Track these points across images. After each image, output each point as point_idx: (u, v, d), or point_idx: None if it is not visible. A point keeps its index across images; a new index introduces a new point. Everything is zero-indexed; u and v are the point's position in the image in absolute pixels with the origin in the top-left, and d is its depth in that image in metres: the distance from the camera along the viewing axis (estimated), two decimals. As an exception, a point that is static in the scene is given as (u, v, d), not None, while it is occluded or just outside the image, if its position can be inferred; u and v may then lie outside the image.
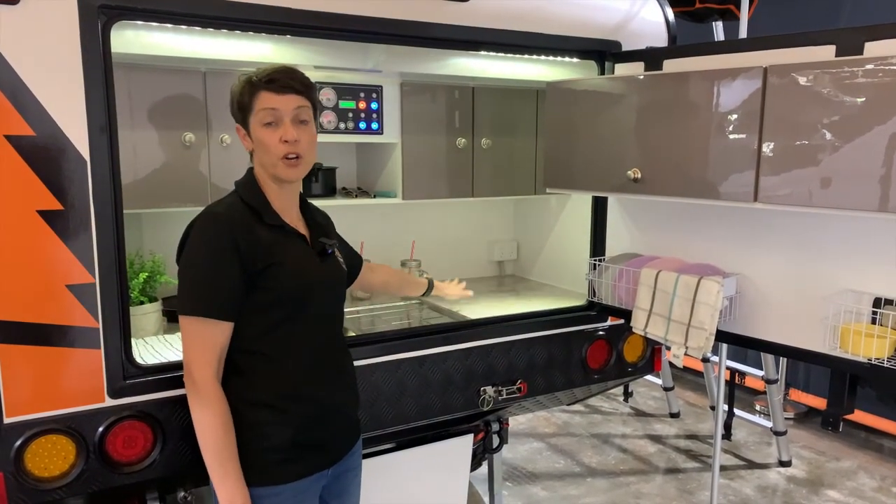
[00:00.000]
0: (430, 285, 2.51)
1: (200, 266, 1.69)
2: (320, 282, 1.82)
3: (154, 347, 2.20)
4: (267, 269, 1.71)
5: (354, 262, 2.21)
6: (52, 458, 1.84)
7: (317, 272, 1.82)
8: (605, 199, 2.73)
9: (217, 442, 1.66)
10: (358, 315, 2.84)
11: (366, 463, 2.07)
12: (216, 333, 1.68)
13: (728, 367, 4.53)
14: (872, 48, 1.85)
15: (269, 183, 1.80)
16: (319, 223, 1.94)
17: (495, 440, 3.01)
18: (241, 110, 1.76)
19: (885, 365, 1.91)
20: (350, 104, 2.75)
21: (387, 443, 2.55)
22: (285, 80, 1.73)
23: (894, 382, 1.95)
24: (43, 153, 1.73)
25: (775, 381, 4.44)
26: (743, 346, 2.37)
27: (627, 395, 5.49)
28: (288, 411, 1.75)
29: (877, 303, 1.97)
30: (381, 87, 2.81)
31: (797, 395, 5.20)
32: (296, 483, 1.76)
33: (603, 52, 2.61)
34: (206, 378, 1.68)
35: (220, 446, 1.67)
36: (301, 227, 1.87)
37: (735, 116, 2.04)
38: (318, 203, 2.06)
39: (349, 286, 2.15)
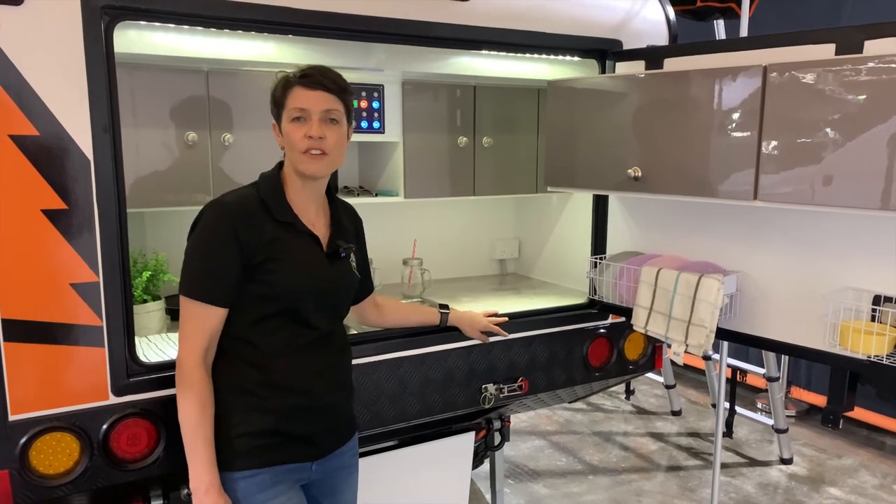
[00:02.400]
0: (444, 317, 2.33)
1: (200, 252, 1.74)
2: (321, 284, 1.83)
3: (157, 346, 2.21)
4: (264, 264, 1.73)
5: (365, 285, 2.12)
6: (56, 456, 1.85)
7: (319, 274, 1.83)
8: (606, 197, 2.74)
9: (192, 423, 1.70)
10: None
11: (368, 460, 2.08)
12: (208, 317, 1.72)
13: (729, 365, 4.54)
14: (872, 47, 1.86)
15: (294, 178, 1.81)
16: (343, 225, 1.94)
17: (497, 438, 3.02)
18: (276, 106, 1.79)
19: (885, 362, 1.92)
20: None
21: (388, 440, 2.56)
22: (318, 77, 1.75)
23: (894, 379, 1.95)
24: (47, 153, 1.75)
25: (777, 379, 4.44)
26: (743, 343, 2.38)
27: (629, 392, 5.50)
28: (267, 400, 1.77)
29: (876, 300, 1.98)
30: (383, 86, 2.82)
31: (799, 393, 5.20)
32: (271, 469, 1.77)
33: (604, 50, 2.62)
34: (191, 360, 1.72)
35: (194, 427, 1.70)
36: (320, 226, 1.87)
37: (735, 115, 2.05)
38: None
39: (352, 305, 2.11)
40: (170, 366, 1.97)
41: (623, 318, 2.73)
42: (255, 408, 1.77)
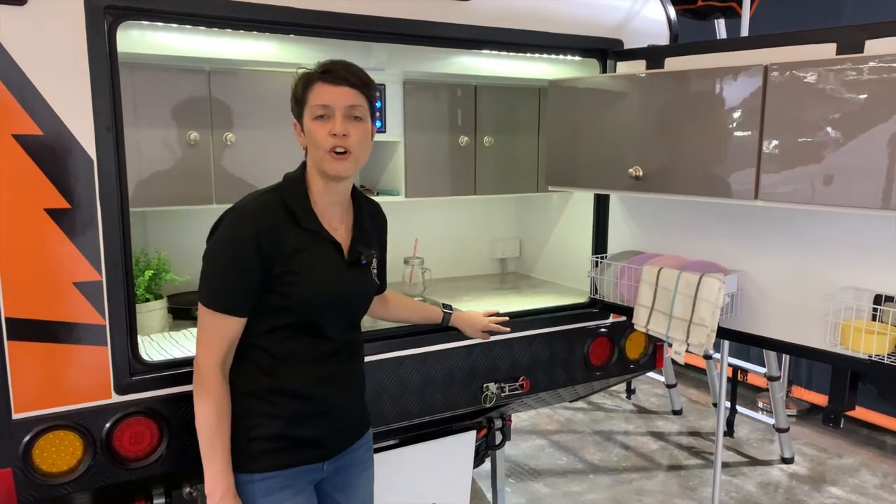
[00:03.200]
0: (447, 317, 2.29)
1: (219, 262, 1.71)
2: (340, 294, 1.81)
3: (160, 344, 2.22)
4: (284, 275, 1.71)
5: (382, 284, 2.12)
6: (59, 454, 1.86)
7: (339, 284, 1.80)
8: (607, 196, 2.75)
9: (208, 429, 1.70)
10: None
11: (369, 459, 2.09)
12: (226, 326, 1.71)
13: (730, 365, 4.54)
14: (873, 46, 1.86)
15: (318, 180, 1.77)
16: (365, 228, 1.90)
17: (498, 437, 3.02)
18: (297, 104, 1.75)
19: (886, 361, 1.93)
20: (353, 102, 2.76)
21: (390, 439, 2.57)
22: (341, 72, 1.70)
23: (895, 379, 1.96)
24: (50, 152, 1.75)
25: (778, 378, 4.45)
26: (744, 342, 2.38)
27: (630, 392, 5.50)
28: (277, 404, 1.77)
29: (877, 299, 1.98)
30: (384, 85, 2.83)
31: (800, 393, 5.21)
32: (282, 472, 1.78)
33: (605, 50, 2.62)
34: (209, 367, 1.71)
35: (210, 433, 1.70)
36: (342, 231, 1.84)
37: (736, 114, 2.05)
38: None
39: None
40: (172, 364, 2.00)
41: (624, 318, 2.74)
42: (265, 413, 1.77)
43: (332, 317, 1.81)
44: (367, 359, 2.25)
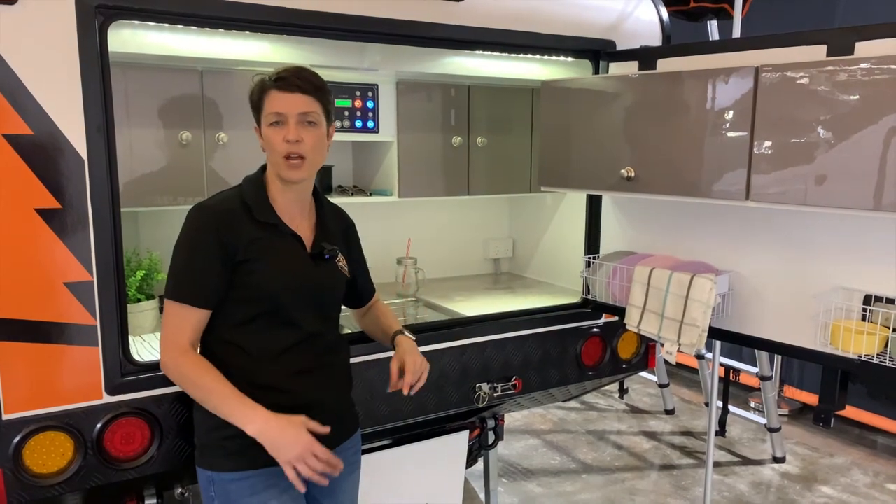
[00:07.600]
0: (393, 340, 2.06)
1: (182, 255, 1.75)
2: (303, 283, 1.82)
3: (151, 345, 2.21)
4: (244, 265, 1.74)
5: (365, 289, 2.13)
6: (50, 455, 1.85)
7: (303, 275, 1.82)
8: (600, 197, 2.75)
9: (208, 389, 1.70)
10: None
11: (362, 459, 2.08)
12: (191, 318, 1.73)
13: (722, 364, 4.56)
14: (863, 48, 1.88)
15: (276, 181, 1.81)
16: (329, 228, 1.93)
17: (491, 437, 3.02)
18: (255, 110, 1.79)
19: (875, 361, 1.94)
20: (346, 103, 2.77)
21: (383, 439, 2.57)
22: (293, 79, 1.73)
23: (884, 378, 1.97)
24: (41, 152, 1.75)
25: (770, 378, 4.47)
26: (735, 342, 2.39)
27: (623, 391, 5.51)
28: (256, 401, 1.74)
29: (867, 300, 1.99)
30: (377, 85, 2.83)
31: (791, 392, 5.23)
32: (264, 470, 1.76)
33: (597, 51, 2.63)
34: (177, 351, 1.72)
35: (211, 392, 1.70)
36: (305, 228, 1.87)
37: (727, 115, 2.06)
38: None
39: (352, 308, 2.15)
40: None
41: (616, 318, 2.74)
42: None
43: (299, 305, 1.81)
44: (360, 359, 2.26)
